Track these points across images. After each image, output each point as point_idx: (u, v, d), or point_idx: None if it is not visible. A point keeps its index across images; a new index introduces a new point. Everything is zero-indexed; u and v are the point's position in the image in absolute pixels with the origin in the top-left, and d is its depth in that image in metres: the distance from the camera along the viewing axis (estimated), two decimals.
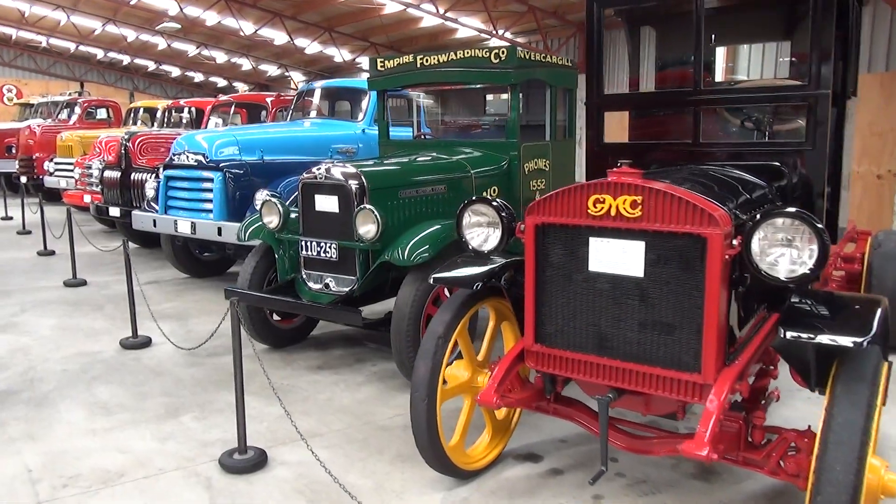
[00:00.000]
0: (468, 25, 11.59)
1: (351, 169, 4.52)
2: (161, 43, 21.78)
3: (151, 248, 9.62)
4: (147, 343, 5.29)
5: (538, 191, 5.59)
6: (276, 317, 5.24)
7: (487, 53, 5.15)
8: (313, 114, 8.15)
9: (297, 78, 23.67)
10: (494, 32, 11.32)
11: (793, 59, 3.74)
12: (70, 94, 18.28)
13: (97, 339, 5.44)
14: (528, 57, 5.23)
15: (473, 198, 2.93)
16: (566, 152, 5.95)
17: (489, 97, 6.71)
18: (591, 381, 2.72)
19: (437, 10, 10.90)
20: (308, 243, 4.65)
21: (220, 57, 22.71)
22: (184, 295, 7.00)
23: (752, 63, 9.83)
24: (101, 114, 17.26)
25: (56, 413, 4.02)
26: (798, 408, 4.02)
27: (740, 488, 3.19)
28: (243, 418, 3.37)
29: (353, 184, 4.43)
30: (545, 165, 5.64)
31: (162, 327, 5.21)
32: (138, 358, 5.01)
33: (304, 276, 4.76)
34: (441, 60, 5.40)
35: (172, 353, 5.07)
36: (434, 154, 5.36)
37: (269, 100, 10.12)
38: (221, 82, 28.59)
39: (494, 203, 2.87)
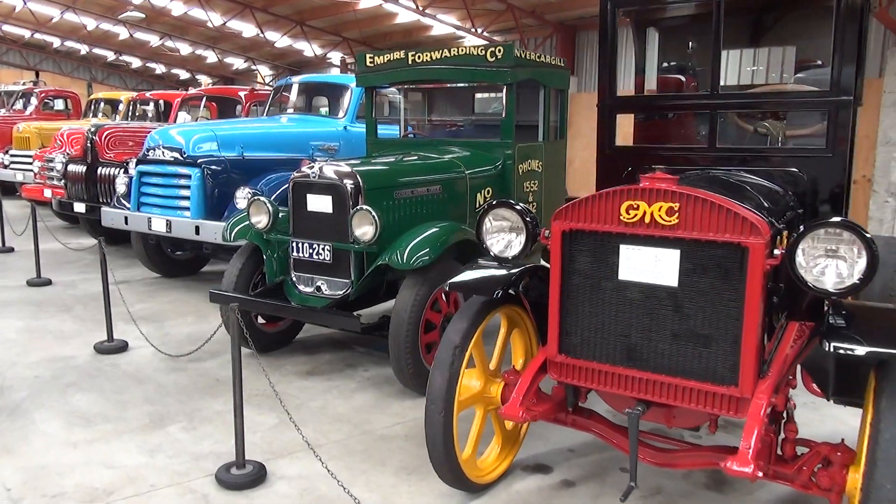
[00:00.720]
0: (446, 22, 11.45)
1: (345, 168, 4.36)
2: (123, 33, 21.09)
3: (117, 245, 9.24)
4: (123, 347, 5.02)
5: (531, 192, 5.51)
6: (260, 320, 5.03)
7: (483, 51, 5.04)
8: (291, 110, 7.93)
9: (265, 72, 23.21)
10: (473, 30, 11.22)
11: (805, 63, 3.71)
12: (25, 84, 17.56)
13: (68, 343, 5.15)
14: (524, 56, 5.13)
15: (494, 201, 2.80)
16: (558, 153, 5.88)
17: (477, 96, 6.60)
18: (618, 394, 2.62)
19: (417, 6, 10.74)
20: (299, 245, 4.47)
21: (185, 48, 22.10)
22: (156, 295, 6.71)
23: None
24: (59, 105, 16.59)
25: (31, 424, 3.76)
26: (801, 414, 4.00)
27: (755, 498, 3.14)
28: (242, 431, 3.19)
29: (349, 183, 4.26)
30: (538, 167, 5.55)
31: (138, 330, 4.95)
32: (115, 363, 4.75)
33: (294, 279, 4.57)
34: (434, 57, 5.26)
35: (151, 358, 4.83)
36: (426, 154, 5.22)
37: (242, 94, 9.81)
38: (184, 74, 27.87)
39: (518, 207, 2.75)
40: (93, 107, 14.83)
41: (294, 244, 4.50)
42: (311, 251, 4.43)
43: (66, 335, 5.34)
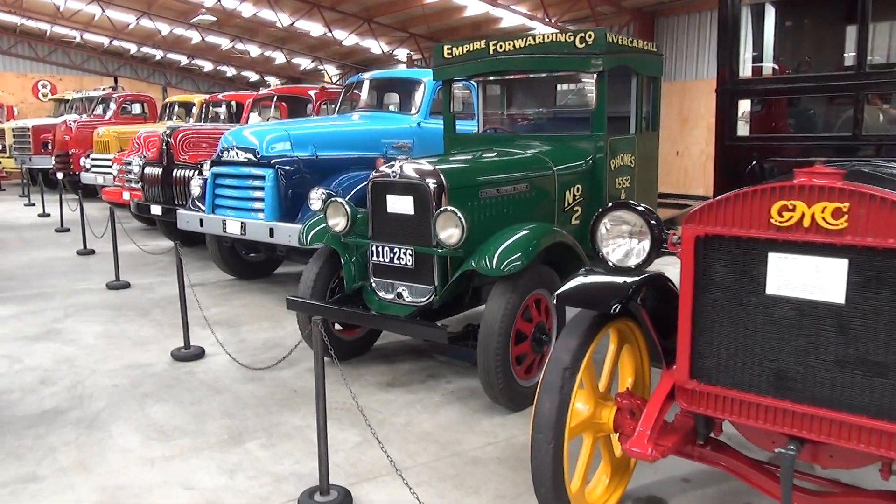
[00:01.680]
0: (518, 12, 11.03)
1: (427, 166, 4.07)
2: (195, 37, 21.55)
3: (192, 246, 9.29)
4: (200, 354, 4.90)
5: (623, 189, 5.09)
6: (337, 326, 4.81)
7: (572, 37, 4.66)
8: (362, 107, 7.72)
9: (331, 71, 23.31)
10: (547, 20, 10.80)
11: None
12: (104, 90, 18.11)
13: (146, 349, 5.07)
14: (615, 41, 4.73)
15: (611, 202, 2.44)
16: (651, 146, 5.44)
17: (560, 87, 6.22)
18: (762, 428, 2.23)
19: None
20: (379, 248, 4.21)
21: (254, 50, 22.42)
22: (231, 299, 6.62)
23: None
24: (136, 109, 17.06)
25: (109, 438, 3.63)
26: None
27: None
28: (326, 454, 2.93)
29: (431, 183, 3.97)
30: (630, 161, 5.13)
31: (214, 336, 4.81)
32: (192, 371, 4.62)
33: (374, 285, 4.32)
34: (518, 46, 4.92)
35: (228, 367, 4.68)
36: (508, 150, 4.89)
37: (312, 93, 9.70)
38: (253, 77, 28.37)
39: (640, 208, 2.38)
40: (167, 110, 15.12)
41: (373, 248, 4.25)
42: (391, 255, 4.17)
43: (144, 340, 5.27)
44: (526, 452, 3.45)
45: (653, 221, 2.35)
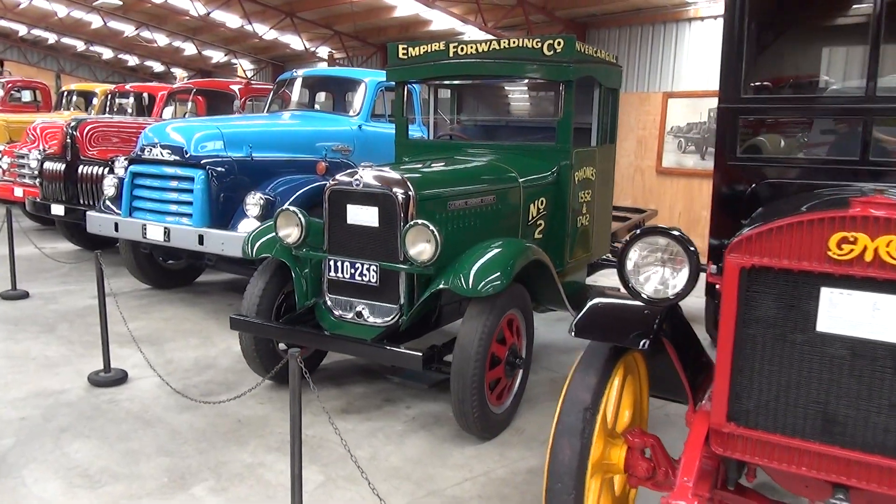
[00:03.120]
0: (454, 14, 10.79)
1: (393, 174, 3.75)
2: (96, 21, 19.98)
3: (98, 249, 8.46)
4: (122, 378, 4.33)
5: (585, 203, 4.94)
6: (281, 346, 4.37)
7: (539, 44, 4.46)
8: (294, 106, 7.25)
9: (246, 66, 22.29)
10: (484, 25, 10.64)
11: None
12: None
13: (56, 373, 4.44)
14: (582, 50, 4.57)
15: (645, 228, 2.21)
16: (609, 159, 5.33)
17: (510, 93, 6.02)
18: (807, 475, 2.06)
19: None
20: (337, 263, 3.84)
21: (162, 39, 21.07)
22: (150, 311, 5.99)
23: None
24: (27, 96, 15.57)
25: (21, 486, 3.07)
26: None
27: None
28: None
29: (399, 192, 3.65)
30: (592, 174, 4.99)
31: (136, 355, 4.26)
32: (115, 399, 4.06)
33: (329, 303, 3.94)
34: (481, 50, 4.67)
35: (157, 393, 4.15)
36: (470, 158, 4.63)
37: (236, 88, 9.08)
38: (158, 67, 26.74)
39: (675, 233, 2.16)
40: (64, 99, 13.87)
41: (330, 262, 3.87)
42: (352, 271, 3.81)
43: (54, 362, 4.62)
44: (508, 489, 3.20)
45: (692, 248, 2.14)
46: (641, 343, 2.20)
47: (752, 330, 2.06)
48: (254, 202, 5.37)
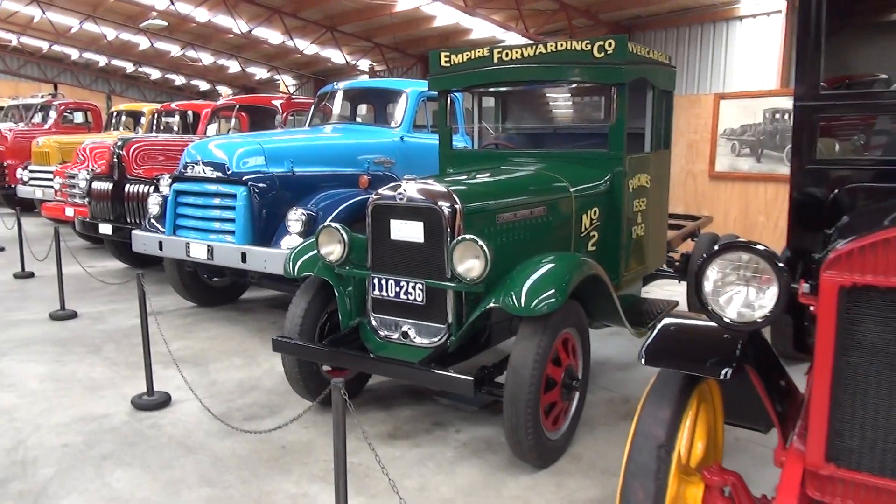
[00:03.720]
0: (495, 21, 10.61)
1: (438, 187, 3.56)
2: (143, 42, 20.50)
3: (145, 267, 8.53)
4: (165, 402, 4.24)
5: (640, 213, 4.68)
6: (325, 367, 4.22)
7: (589, 46, 4.23)
8: (335, 119, 7.17)
9: (288, 81, 22.55)
10: (526, 31, 10.44)
11: None
12: (43, 97, 16.99)
13: (101, 396, 4.38)
14: (635, 51, 4.32)
15: (725, 242, 1.96)
16: (664, 166, 5.06)
17: (556, 99, 5.79)
18: None
19: (465, 4, 9.93)
20: (381, 281, 3.67)
21: (206, 58, 21.50)
22: (194, 330, 5.93)
23: None
24: (79, 118, 16.00)
25: None
26: None
27: None
28: None
29: (445, 206, 3.46)
30: (647, 182, 4.73)
31: (180, 376, 4.15)
32: (158, 424, 3.96)
33: (374, 322, 3.77)
34: (527, 55, 4.47)
35: (199, 417, 4.04)
36: (518, 168, 4.42)
37: (277, 103, 9.06)
38: (204, 86, 27.31)
39: (760, 248, 1.92)
40: (114, 119, 14.19)
41: (374, 280, 3.70)
42: (397, 290, 3.63)
43: (98, 385, 4.57)
44: None
45: (780, 265, 1.89)
46: (723, 372, 1.95)
47: (855, 357, 1.80)
48: (296, 218, 5.27)
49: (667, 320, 2.25)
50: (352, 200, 5.54)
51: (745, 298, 1.94)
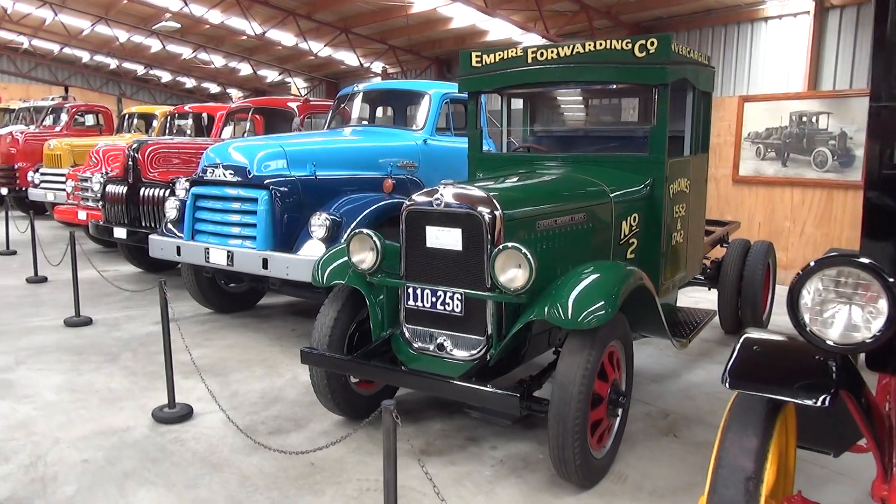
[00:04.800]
0: (515, 21, 10.42)
1: (477, 192, 3.39)
2: (155, 45, 20.44)
3: (160, 272, 8.40)
4: (188, 414, 4.07)
5: (679, 219, 4.50)
6: (353, 378, 4.04)
7: (630, 45, 4.05)
8: (355, 122, 7.01)
9: (300, 84, 22.45)
10: (546, 32, 10.27)
11: None
12: (54, 99, 16.93)
13: (120, 408, 4.22)
14: (677, 50, 4.15)
15: (825, 256, 1.78)
16: (703, 170, 4.88)
17: (586, 100, 5.62)
18: None
19: (486, 4, 9.76)
20: (417, 291, 3.50)
21: (218, 61, 21.41)
22: (213, 338, 5.78)
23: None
24: (90, 120, 15.93)
25: None
26: None
27: None
28: None
29: (485, 212, 3.29)
30: (686, 187, 4.55)
31: (200, 387, 3.99)
32: (180, 438, 3.80)
33: (407, 333, 3.60)
34: (563, 54, 4.29)
35: (224, 431, 3.87)
36: (553, 172, 4.25)
37: (294, 105, 8.92)
38: (214, 88, 27.26)
39: (865, 262, 1.73)
40: (126, 122, 14.10)
41: (409, 290, 3.53)
42: (433, 300, 3.46)
43: (117, 396, 4.41)
44: None
45: (890, 280, 1.70)
46: (821, 399, 1.77)
47: None
48: (319, 223, 5.10)
49: (746, 337, 2.06)
50: (376, 205, 5.38)
51: (847, 319, 1.75)
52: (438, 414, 4.18)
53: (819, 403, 1.77)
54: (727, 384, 1.91)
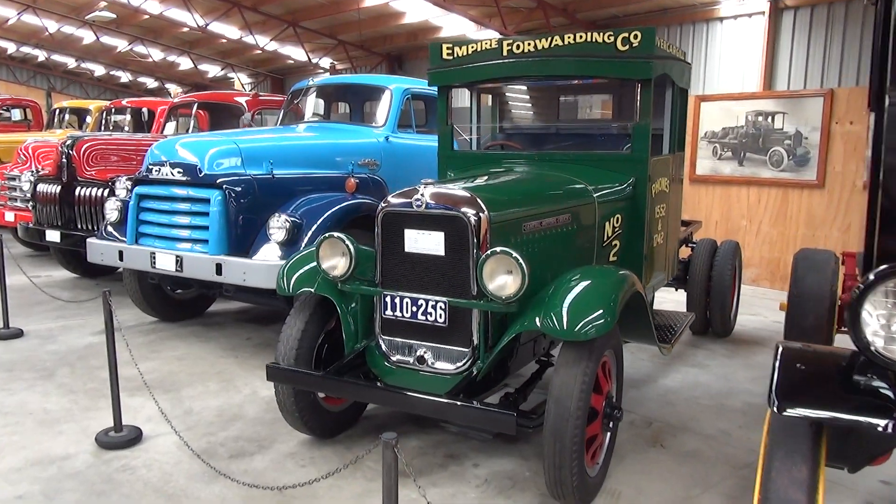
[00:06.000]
0: (473, 17, 10.19)
1: (460, 192, 3.14)
2: (88, 36, 19.37)
3: (97, 277, 7.85)
4: (136, 438, 3.68)
5: (660, 220, 4.35)
6: (320, 394, 3.73)
7: (612, 38, 3.87)
8: (309, 117, 6.66)
9: (243, 79, 21.71)
10: (504, 29, 10.09)
11: None
12: None
13: (59, 432, 3.79)
14: (660, 45, 3.99)
15: (881, 269, 1.59)
16: (680, 169, 4.75)
17: (559, 95, 5.43)
18: None
19: None
20: (395, 300, 3.22)
21: (156, 54, 20.47)
22: (160, 349, 5.34)
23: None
24: (17, 115, 14.96)
25: None
26: None
27: None
28: None
29: (470, 213, 3.04)
30: (666, 186, 4.40)
31: (149, 405, 3.60)
32: (130, 466, 3.41)
33: (383, 345, 3.32)
34: (541, 47, 4.08)
35: (178, 456, 3.50)
36: (531, 171, 4.03)
37: (243, 100, 8.47)
38: (151, 83, 26.14)
39: None
40: (56, 117, 13.25)
41: (386, 299, 3.25)
42: (413, 309, 3.18)
43: (55, 418, 3.97)
44: None
45: None
46: (885, 425, 1.58)
47: None
48: (278, 225, 4.76)
49: (784, 351, 1.88)
50: (339, 206, 5.06)
51: None
52: (413, 429, 3.90)
53: (890, 430, 1.58)
54: (775, 408, 1.71)
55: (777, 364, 1.83)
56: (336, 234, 3.35)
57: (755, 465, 3.55)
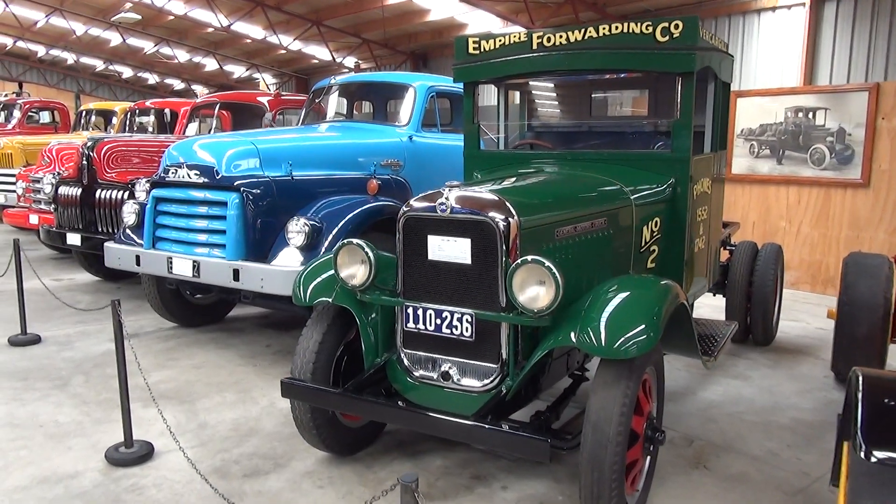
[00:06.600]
0: (502, 14, 9.95)
1: (489, 195, 2.90)
2: (115, 38, 19.50)
3: (118, 281, 7.75)
4: (147, 455, 3.50)
5: (702, 223, 4.06)
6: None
7: (651, 28, 3.60)
8: (332, 117, 6.47)
9: (268, 80, 21.70)
10: (531, 24, 9.83)
11: None
12: (7, 95, 16.03)
13: (68, 447, 3.63)
14: (703, 36, 3.70)
15: None
16: (721, 169, 4.45)
17: (598, 93, 5.16)
18: None
19: None
20: (418, 311, 2.99)
21: (182, 55, 20.55)
22: (178, 357, 5.19)
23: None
24: (45, 117, 15.10)
25: None
26: None
27: None
28: None
29: (499, 219, 2.80)
30: (708, 187, 4.11)
31: (164, 421, 3.42)
32: (139, 486, 3.23)
33: (405, 359, 3.10)
34: (574, 39, 3.82)
35: (190, 475, 3.31)
36: (564, 171, 3.78)
37: (265, 100, 8.32)
38: (178, 84, 26.30)
39: None
40: (83, 119, 13.29)
41: (408, 310, 3.02)
42: (437, 322, 2.95)
43: (65, 431, 3.82)
44: None
45: None
46: None
47: None
48: (297, 229, 4.56)
49: (864, 381, 1.61)
50: (360, 208, 4.86)
51: None
52: (437, 446, 3.67)
53: None
54: (862, 453, 1.45)
55: (860, 398, 1.57)
56: (355, 240, 3.14)
57: (809, 492, 3.27)
